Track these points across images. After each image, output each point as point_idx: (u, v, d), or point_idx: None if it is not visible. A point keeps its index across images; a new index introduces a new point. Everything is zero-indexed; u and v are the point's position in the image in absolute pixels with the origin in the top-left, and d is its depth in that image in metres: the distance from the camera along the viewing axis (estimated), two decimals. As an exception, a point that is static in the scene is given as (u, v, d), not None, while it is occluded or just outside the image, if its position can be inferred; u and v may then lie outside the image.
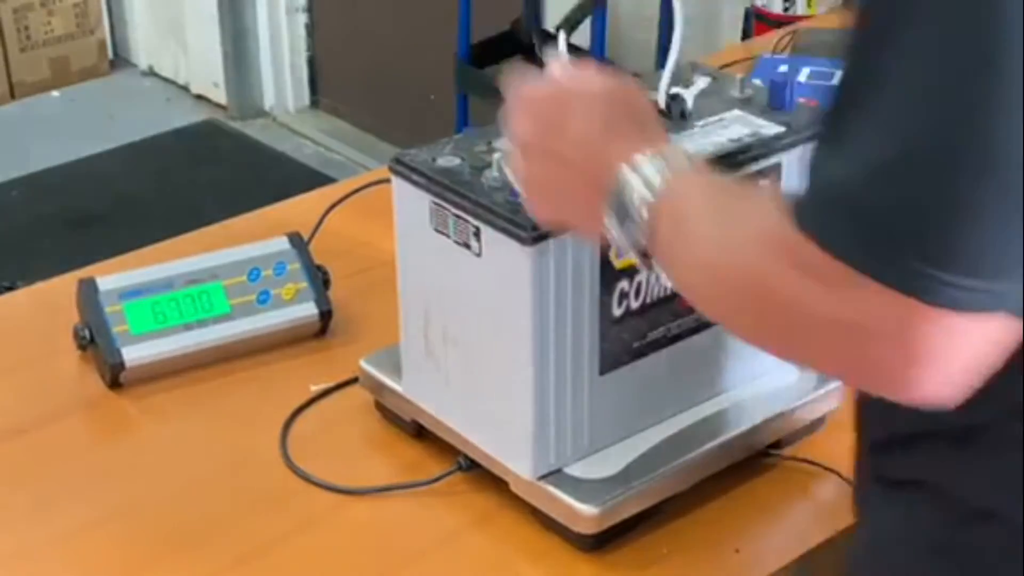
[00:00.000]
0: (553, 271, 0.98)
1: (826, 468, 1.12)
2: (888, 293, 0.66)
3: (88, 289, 1.24)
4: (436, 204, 1.03)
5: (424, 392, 1.12)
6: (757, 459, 1.13)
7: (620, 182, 0.81)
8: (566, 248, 0.98)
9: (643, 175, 0.80)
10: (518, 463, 1.05)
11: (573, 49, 2.86)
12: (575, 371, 1.03)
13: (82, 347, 1.25)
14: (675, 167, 0.81)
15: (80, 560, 1.06)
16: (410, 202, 1.06)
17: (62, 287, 1.30)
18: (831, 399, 1.16)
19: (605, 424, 1.06)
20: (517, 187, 0.93)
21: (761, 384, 1.14)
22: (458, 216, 1.01)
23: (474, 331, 1.05)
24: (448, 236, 1.03)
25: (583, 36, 2.72)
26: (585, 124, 0.85)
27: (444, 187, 1.02)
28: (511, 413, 1.03)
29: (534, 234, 0.96)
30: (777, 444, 1.14)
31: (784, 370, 1.16)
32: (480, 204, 1.00)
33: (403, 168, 1.06)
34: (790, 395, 1.14)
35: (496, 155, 1.02)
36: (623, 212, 0.81)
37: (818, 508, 1.11)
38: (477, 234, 1.00)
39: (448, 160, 1.05)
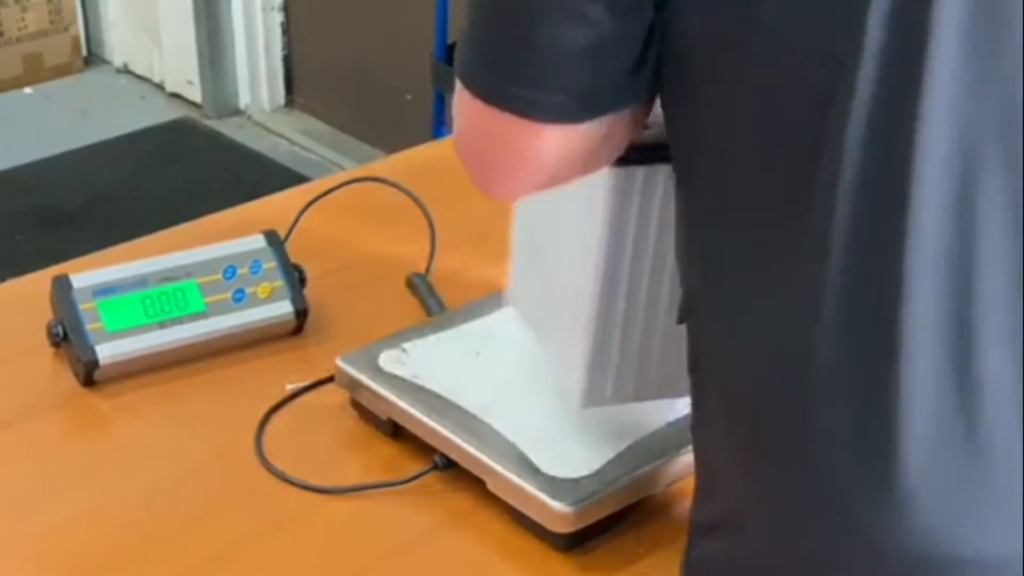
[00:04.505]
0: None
1: (802, 468, 1.12)
2: (476, 104, 0.79)
3: (62, 286, 1.23)
4: None
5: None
6: (733, 459, 1.13)
7: None
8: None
9: None
10: (573, 384, 1.04)
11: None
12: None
13: (56, 344, 1.24)
14: None
15: (53, 557, 1.05)
16: None
17: (35, 284, 1.29)
18: (807, 399, 1.16)
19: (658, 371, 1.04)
20: None
21: (738, 384, 1.14)
22: None
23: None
24: None
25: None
26: None
27: None
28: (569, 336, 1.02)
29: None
30: (753, 444, 1.14)
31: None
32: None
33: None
34: (767, 395, 1.14)
35: None
36: None
37: (794, 508, 1.11)
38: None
39: None
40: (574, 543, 1.04)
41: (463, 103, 0.81)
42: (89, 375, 1.21)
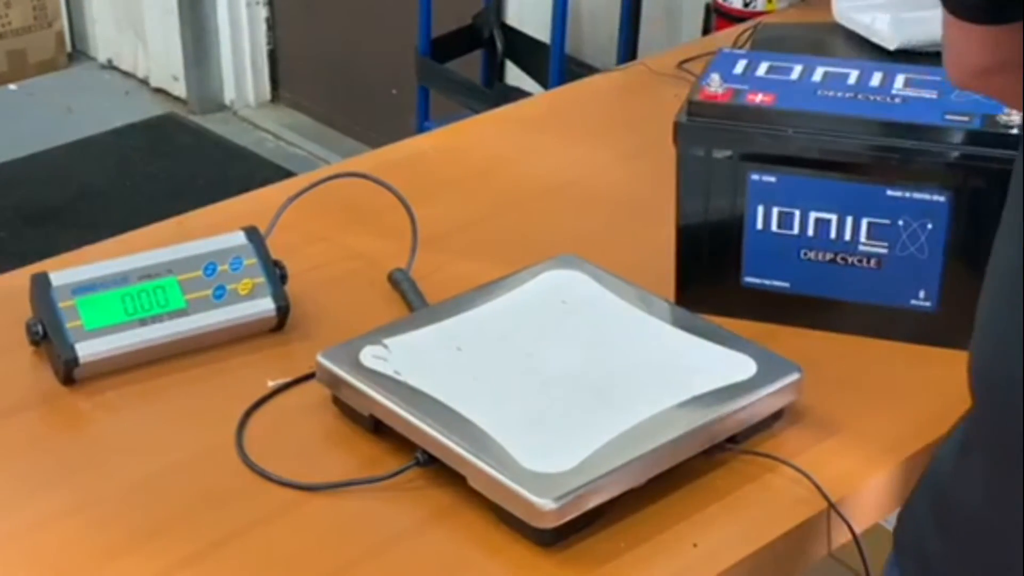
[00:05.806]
0: None
1: (784, 462, 1.12)
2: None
3: (41, 284, 1.22)
4: None
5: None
6: (715, 453, 1.13)
7: None
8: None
9: None
10: None
11: (535, 44, 2.85)
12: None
13: (35, 343, 1.23)
14: None
15: (33, 556, 1.05)
16: None
17: (15, 282, 1.29)
18: (788, 393, 1.16)
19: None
20: None
21: (718, 378, 1.14)
22: None
23: None
24: None
25: (544, 30, 2.72)
26: None
27: None
28: None
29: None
30: (734, 438, 1.14)
31: (741, 364, 1.16)
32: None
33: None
34: (748, 389, 1.14)
35: None
36: None
37: (776, 502, 1.11)
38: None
39: None
40: (556, 538, 1.04)
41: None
42: (69, 373, 1.21)
